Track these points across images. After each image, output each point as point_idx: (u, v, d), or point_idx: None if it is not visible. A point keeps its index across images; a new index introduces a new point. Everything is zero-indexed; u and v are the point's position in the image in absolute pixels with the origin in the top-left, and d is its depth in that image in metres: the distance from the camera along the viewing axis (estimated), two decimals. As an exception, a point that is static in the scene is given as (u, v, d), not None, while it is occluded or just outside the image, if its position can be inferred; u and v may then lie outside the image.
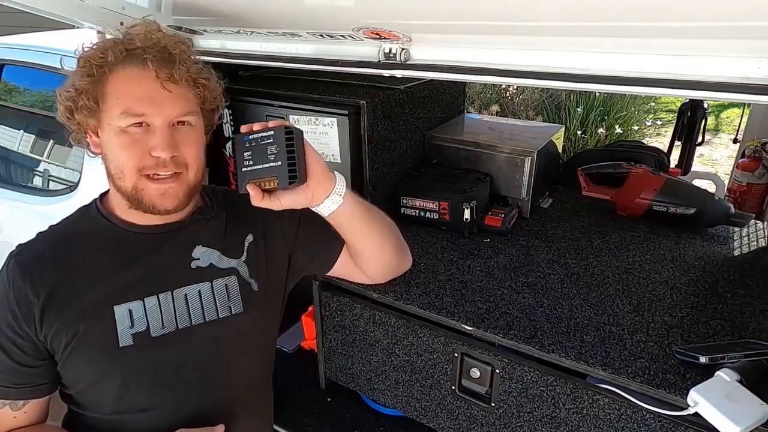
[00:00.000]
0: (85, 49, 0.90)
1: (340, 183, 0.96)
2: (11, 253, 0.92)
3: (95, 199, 1.01)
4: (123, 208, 0.96)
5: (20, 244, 0.94)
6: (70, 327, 0.88)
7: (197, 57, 0.98)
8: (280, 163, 0.86)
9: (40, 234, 0.96)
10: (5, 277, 0.89)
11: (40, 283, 0.88)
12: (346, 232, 1.04)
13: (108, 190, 1.00)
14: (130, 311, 0.91)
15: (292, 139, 0.87)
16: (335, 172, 0.97)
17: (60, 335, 0.88)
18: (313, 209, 0.97)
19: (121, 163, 0.88)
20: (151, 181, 0.89)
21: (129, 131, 0.87)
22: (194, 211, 1.01)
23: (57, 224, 0.98)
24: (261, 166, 0.88)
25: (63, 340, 0.88)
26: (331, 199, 0.94)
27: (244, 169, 0.89)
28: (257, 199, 0.90)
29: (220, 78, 1.01)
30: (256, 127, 0.88)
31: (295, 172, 0.87)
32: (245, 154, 0.89)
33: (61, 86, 0.92)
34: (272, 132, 0.87)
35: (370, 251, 1.08)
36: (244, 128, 0.90)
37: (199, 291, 0.97)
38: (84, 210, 1.00)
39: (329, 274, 1.16)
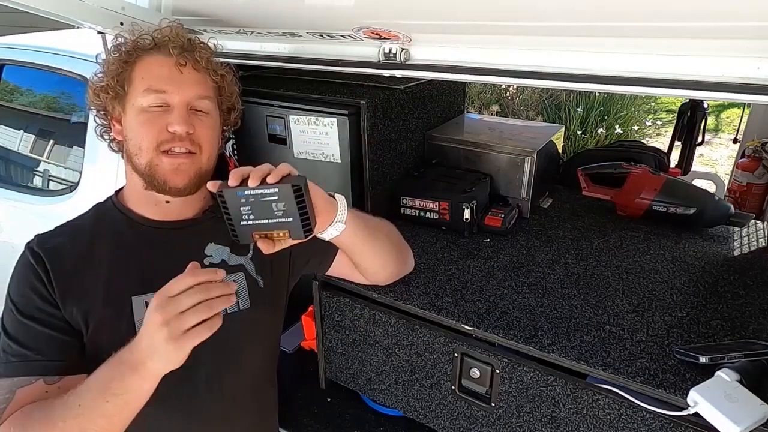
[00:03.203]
0: (118, 41, 0.97)
1: (342, 209, 0.95)
2: (29, 242, 0.94)
3: (110, 196, 1.03)
4: (139, 203, 0.99)
5: (38, 234, 0.96)
6: (89, 316, 0.89)
7: (220, 58, 1.03)
8: (291, 219, 0.82)
9: (58, 227, 0.98)
10: (23, 263, 0.91)
11: (60, 271, 0.90)
12: (348, 252, 1.06)
13: (123, 187, 1.03)
14: (146, 303, 0.93)
15: (302, 196, 0.82)
16: (336, 196, 0.96)
17: (79, 325, 0.90)
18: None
19: (140, 140, 0.93)
20: (166, 156, 0.93)
21: (149, 110, 0.92)
22: (206, 209, 1.04)
23: (73, 219, 1.01)
24: (267, 221, 0.84)
25: (83, 330, 0.90)
26: (334, 227, 0.95)
27: (243, 223, 0.85)
28: (269, 250, 0.88)
29: (237, 80, 1.05)
30: (252, 182, 0.81)
31: (309, 225, 0.84)
32: (242, 209, 0.83)
33: (93, 74, 0.98)
34: (276, 189, 0.81)
35: (371, 266, 1.10)
36: (234, 178, 0.82)
37: None
38: (100, 206, 1.03)
39: (328, 274, 1.17)
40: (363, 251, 1.05)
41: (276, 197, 0.81)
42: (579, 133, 4.57)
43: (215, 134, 1.00)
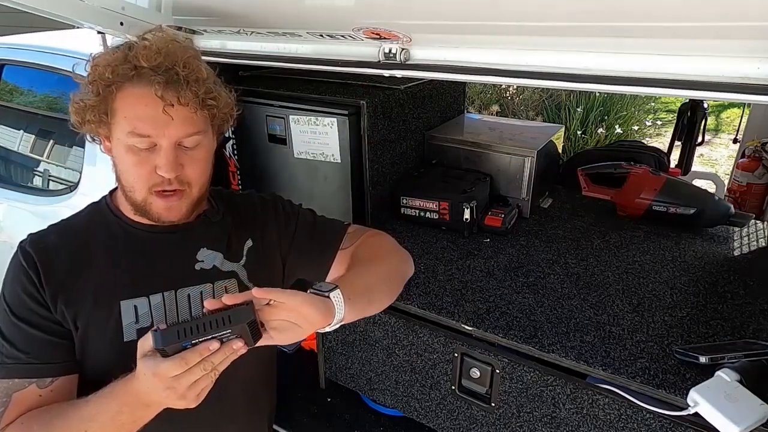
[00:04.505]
0: (95, 60, 0.89)
1: (338, 311, 0.86)
2: (22, 241, 0.93)
3: (105, 197, 1.02)
4: (130, 211, 0.98)
5: (32, 234, 0.95)
6: (78, 318, 0.89)
7: (208, 72, 0.94)
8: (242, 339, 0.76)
9: (51, 226, 0.97)
10: (15, 264, 0.91)
11: (51, 272, 0.89)
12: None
13: (116, 188, 1.01)
14: (135, 307, 0.93)
15: (256, 324, 0.76)
16: (330, 296, 0.85)
17: (69, 325, 0.89)
18: None
19: (132, 180, 0.91)
20: (159, 197, 0.91)
21: (136, 150, 0.89)
22: (200, 214, 1.02)
23: (68, 218, 1.00)
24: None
25: (73, 330, 0.90)
26: (331, 327, 0.87)
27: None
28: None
29: (230, 90, 0.99)
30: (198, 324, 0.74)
31: (259, 335, 0.78)
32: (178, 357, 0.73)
33: (73, 95, 0.92)
34: (229, 331, 0.74)
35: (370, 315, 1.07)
36: (165, 330, 0.73)
37: (201, 292, 0.98)
38: (94, 206, 1.02)
39: None
40: (362, 316, 1.00)
41: (230, 335, 0.75)
42: (579, 133, 4.58)
43: (206, 163, 0.96)
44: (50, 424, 0.83)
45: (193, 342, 0.73)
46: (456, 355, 1.07)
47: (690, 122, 2.29)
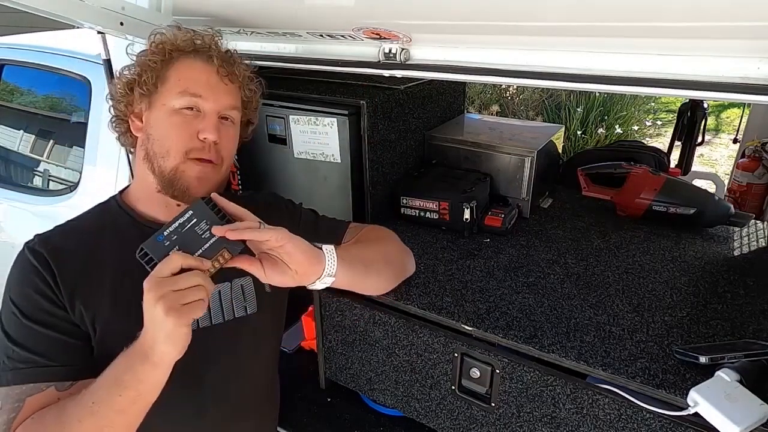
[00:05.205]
0: (159, 34, 0.97)
1: (330, 263, 0.89)
2: (29, 242, 0.90)
3: (114, 196, 1.01)
4: (148, 203, 0.97)
5: (38, 234, 0.93)
6: (96, 321, 0.87)
7: (254, 67, 1.05)
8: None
9: (57, 227, 0.95)
10: (24, 265, 0.88)
11: (65, 273, 0.87)
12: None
13: (127, 187, 1.01)
14: None
15: (216, 205, 0.81)
16: (323, 248, 0.90)
17: (87, 327, 0.87)
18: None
19: (169, 143, 0.92)
20: (194, 163, 0.92)
21: (182, 112, 0.92)
22: None
23: (73, 219, 0.98)
24: (201, 250, 0.79)
25: (90, 333, 0.88)
26: (322, 281, 0.90)
27: None
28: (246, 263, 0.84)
29: (262, 95, 1.07)
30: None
31: (242, 243, 0.81)
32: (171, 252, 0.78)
33: (124, 66, 0.99)
34: (192, 212, 0.79)
35: (369, 292, 1.09)
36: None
37: (219, 291, 0.99)
38: (103, 206, 1.00)
39: None
40: (359, 287, 1.03)
41: (195, 219, 0.78)
42: (579, 133, 4.58)
43: (235, 146, 1.01)
44: (63, 407, 0.80)
45: (164, 233, 0.78)
46: (456, 355, 1.07)
47: (690, 122, 2.30)
